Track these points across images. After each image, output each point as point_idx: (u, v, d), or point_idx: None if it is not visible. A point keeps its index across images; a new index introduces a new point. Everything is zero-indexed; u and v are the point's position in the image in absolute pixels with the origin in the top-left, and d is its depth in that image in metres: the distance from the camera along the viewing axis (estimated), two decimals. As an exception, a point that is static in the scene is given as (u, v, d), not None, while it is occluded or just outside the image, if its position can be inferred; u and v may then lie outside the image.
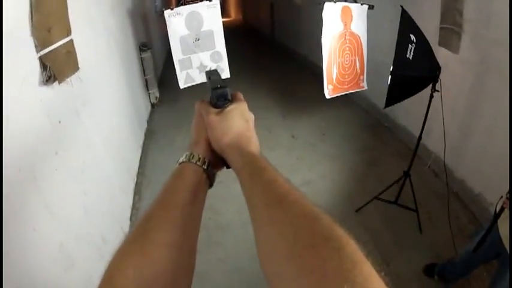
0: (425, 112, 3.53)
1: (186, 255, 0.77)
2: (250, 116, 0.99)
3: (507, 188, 2.69)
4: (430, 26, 4.24)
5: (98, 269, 2.85)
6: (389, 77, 3.80)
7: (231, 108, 0.93)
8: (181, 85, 5.39)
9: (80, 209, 2.98)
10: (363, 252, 0.52)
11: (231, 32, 17.01)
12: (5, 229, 1.86)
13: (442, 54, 4.13)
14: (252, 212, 0.71)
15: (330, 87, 4.62)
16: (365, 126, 6.24)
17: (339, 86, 4.72)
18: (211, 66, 5.41)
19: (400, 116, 5.58)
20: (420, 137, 3.72)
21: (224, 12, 28.47)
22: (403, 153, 5.02)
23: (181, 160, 0.93)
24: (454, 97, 4.15)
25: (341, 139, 5.88)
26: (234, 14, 25.54)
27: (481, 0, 3.60)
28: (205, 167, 0.89)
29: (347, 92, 4.85)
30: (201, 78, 5.57)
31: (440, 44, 4.25)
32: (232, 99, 0.97)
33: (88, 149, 3.44)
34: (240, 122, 0.92)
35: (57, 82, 2.72)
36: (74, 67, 3.04)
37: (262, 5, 15.69)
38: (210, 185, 0.94)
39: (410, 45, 3.48)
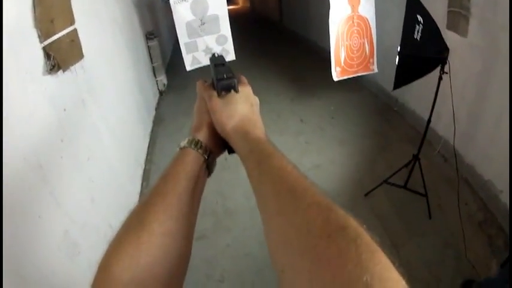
0: (434, 96, 3.48)
1: (182, 243, 0.75)
2: (255, 100, 0.98)
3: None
4: (438, 9, 4.19)
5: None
6: (397, 57, 3.75)
7: (236, 93, 0.92)
8: (188, 67, 5.42)
9: (87, 197, 3.00)
10: (376, 242, 0.50)
11: (238, 20, 17.08)
12: (10, 217, 1.88)
13: (450, 38, 4.05)
14: (260, 201, 0.70)
15: (338, 69, 4.61)
16: (374, 110, 6.18)
17: (348, 69, 4.70)
18: (217, 49, 5.40)
19: (409, 101, 5.52)
20: (429, 121, 3.67)
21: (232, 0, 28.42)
22: (413, 138, 4.96)
23: (182, 145, 0.89)
24: (463, 82, 4.10)
25: (350, 123, 5.84)
26: (241, 1, 25.42)
27: None
28: (206, 156, 0.88)
29: (356, 75, 4.81)
30: (207, 61, 5.57)
31: (448, 27, 4.19)
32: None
33: (94, 137, 3.46)
34: (244, 105, 0.90)
35: (61, 71, 2.73)
36: (78, 56, 3.06)
37: (271, -9, 15.50)
38: (209, 173, 0.93)
39: (417, 26, 3.42)
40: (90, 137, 3.33)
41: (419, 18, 3.35)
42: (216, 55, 1.05)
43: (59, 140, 2.66)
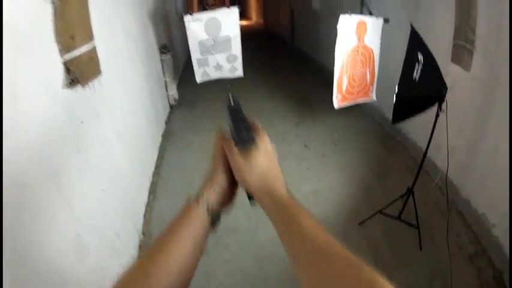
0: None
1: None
2: (274, 150, 0.99)
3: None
4: (443, 42, 4.34)
5: (109, 260, 3.11)
6: (394, 97, 3.87)
7: (256, 147, 0.93)
8: (198, 80, 5.70)
9: (97, 204, 3.16)
10: None
11: (251, 36, 17.27)
12: (27, 218, 2.07)
13: (453, 71, 4.21)
14: (294, 260, 0.73)
15: (339, 96, 4.77)
16: (377, 139, 6.29)
17: (348, 96, 4.86)
18: (226, 66, 5.62)
19: (411, 131, 5.61)
20: (425, 155, 3.77)
21: (245, 14, 28.63)
22: (412, 168, 5.04)
23: (191, 198, 0.95)
24: (463, 114, 4.18)
25: (352, 151, 5.95)
26: (255, 17, 25.66)
27: (493, 15, 3.62)
28: (211, 219, 0.92)
29: (355, 102, 4.95)
30: (216, 75, 5.81)
31: (452, 61, 4.27)
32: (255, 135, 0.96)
33: (106, 148, 3.62)
34: (265, 161, 0.93)
35: (80, 86, 2.89)
36: (96, 72, 3.20)
37: (283, 11, 15.80)
38: (214, 229, 0.96)
39: (417, 65, 3.52)
40: (102, 148, 3.50)
41: (420, 56, 3.46)
42: (232, 101, 1.08)
43: (74, 150, 2.84)
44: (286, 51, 14.37)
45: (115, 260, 3.36)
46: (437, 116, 3.43)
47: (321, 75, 9.53)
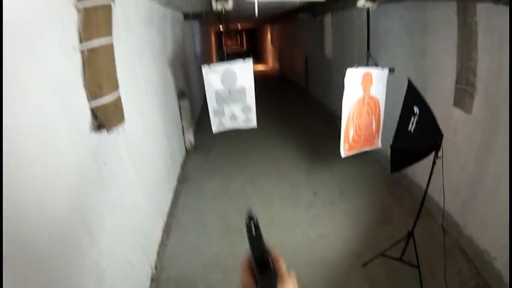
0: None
1: None
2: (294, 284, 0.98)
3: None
4: (446, 86, 4.57)
5: (122, 286, 3.42)
6: (390, 149, 4.07)
7: None
8: (214, 130, 5.99)
9: (116, 237, 3.43)
10: None
11: (266, 80, 17.54)
12: (57, 245, 2.35)
13: (455, 115, 4.42)
14: None
15: (346, 146, 4.99)
16: (383, 184, 6.47)
17: (354, 145, 5.08)
18: (241, 117, 5.92)
19: (417, 175, 5.75)
20: (423, 199, 3.90)
21: (261, 59, 29.18)
22: (416, 212, 5.15)
23: None
24: (466, 155, 4.34)
25: (358, 197, 6.13)
26: (271, 62, 26.04)
27: (493, 57, 3.77)
28: None
29: (361, 150, 5.17)
30: (232, 125, 6.09)
31: (455, 105, 4.46)
32: (276, 276, 0.97)
33: (127, 188, 3.91)
34: None
35: (106, 131, 3.19)
36: (120, 119, 3.44)
37: (298, 57, 16.16)
38: None
39: (412, 118, 3.72)
40: (123, 188, 3.80)
41: (416, 109, 3.68)
42: (250, 221, 1.06)
43: (99, 189, 3.14)
44: (300, 97, 14.73)
45: (127, 286, 3.62)
46: (434, 163, 3.58)
47: (332, 123, 9.70)
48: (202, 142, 8.88)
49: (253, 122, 6.11)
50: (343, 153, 5.05)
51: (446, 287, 3.69)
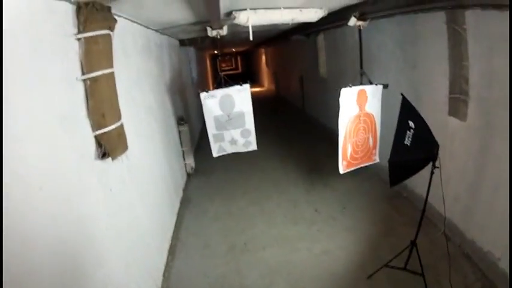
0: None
1: None
2: None
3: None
4: (440, 96, 4.67)
5: None
6: (388, 164, 4.15)
7: None
8: (215, 154, 6.07)
9: (123, 262, 3.51)
10: None
11: (263, 102, 17.66)
12: (66, 271, 2.45)
13: (451, 123, 4.52)
14: None
15: (344, 163, 5.07)
16: (383, 197, 6.54)
17: (352, 162, 5.17)
18: (240, 141, 6.01)
19: (417, 186, 5.82)
20: (424, 209, 3.99)
21: (257, 81, 29.33)
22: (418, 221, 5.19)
23: None
24: (464, 162, 4.41)
25: (360, 211, 6.19)
26: (267, 84, 26.23)
27: (484, 63, 3.88)
28: None
29: (359, 166, 5.26)
30: (232, 149, 6.18)
31: (450, 114, 4.55)
32: None
33: (131, 213, 4.00)
34: None
35: (110, 159, 3.27)
36: (124, 147, 3.55)
37: (293, 77, 16.34)
38: None
39: (408, 132, 3.82)
40: (128, 213, 3.88)
41: (411, 123, 3.78)
42: None
43: (105, 214, 3.24)
44: (297, 117, 14.85)
45: None
46: (432, 173, 3.66)
47: (330, 140, 9.65)
48: (203, 165, 8.98)
49: (253, 145, 6.19)
50: (342, 169, 5.13)
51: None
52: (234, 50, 25.16)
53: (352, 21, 5.20)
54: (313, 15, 5.00)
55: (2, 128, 1.87)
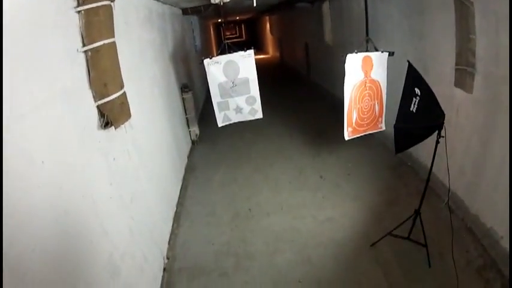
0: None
1: None
2: None
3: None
4: (447, 67, 4.57)
5: (137, 280, 3.57)
6: (393, 129, 4.10)
7: None
8: (220, 124, 6.03)
9: (128, 230, 3.55)
10: None
11: (268, 70, 17.49)
12: (70, 240, 2.45)
13: (457, 95, 4.42)
14: None
15: (350, 129, 5.03)
16: (388, 166, 6.51)
17: (358, 128, 5.12)
18: (246, 109, 5.97)
19: (422, 155, 5.75)
20: (428, 179, 3.97)
21: (262, 49, 29.11)
22: (422, 192, 5.15)
23: None
24: (469, 135, 4.35)
25: (364, 179, 6.18)
26: (271, 51, 26.04)
27: (491, 39, 3.76)
28: None
29: (365, 133, 5.21)
30: (237, 118, 6.13)
31: (455, 85, 4.45)
32: None
33: (136, 182, 4.02)
34: None
35: (113, 128, 3.26)
36: (127, 116, 3.53)
37: (298, 44, 16.19)
38: None
39: (414, 99, 3.76)
40: (132, 182, 3.90)
41: (417, 90, 3.71)
42: None
43: (108, 184, 3.25)
44: (302, 84, 14.78)
45: (141, 281, 3.71)
46: (437, 142, 3.61)
47: (335, 107, 9.54)
48: (208, 132, 8.93)
49: (259, 113, 6.15)
50: (347, 136, 5.09)
51: (455, 265, 3.71)
52: (238, 18, 24.82)
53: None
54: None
55: (2, 102, 1.84)
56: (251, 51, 5.71)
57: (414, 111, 3.81)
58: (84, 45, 2.92)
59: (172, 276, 4.46)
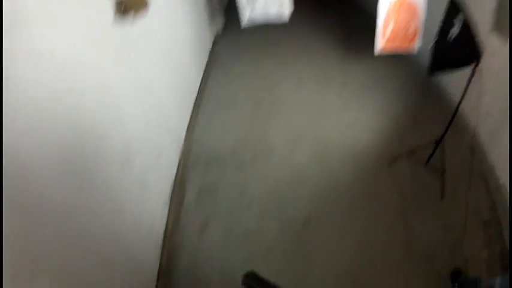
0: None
1: None
2: None
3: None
4: (484, 9, 4.15)
5: (151, 169, 3.55)
6: (430, 49, 3.83)
7: None
8: (244, 24, 5.55)
9: (144, 118, 3.50)
10: None
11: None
12: (83, 124, 2.39)
13: (492, 41, 4.07)
14: None
15: (382, 42, 4.78)
16: (416, 87, 6.15)
17: (391, 44, 4.81)
18: (273, 7, 5.47)
19: (450, 87, 5.49)
20: (457, 110, 3.78)
21: None
22: (445, 123, 4.94)
23: None
24: (500, 82, 4.01)
25: (389, 95, 5.91)
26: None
27: None
28: None
29: (397, 50, 4.92)
30: (263, 18, 5.67)
31: (493, 30, 4.11)
32: None
33: (153, 70, 3.88)
34: None
35: (130, 17, 3.08)
36: (144, 4, 3.33)
37: None
38: None
39: (454, 27, 3.47)
40: (150, 70, 3.77)
41: (459, 17, 3.39)
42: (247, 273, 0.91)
43: (124, 73, 3.13)
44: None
45: (157, 168, 3.78)
46: (471, 76, 3.44)
47: (368, 15, 8.73)
48: (232, 26, 8.30)
49: (286, 15, 5.66)
50: (378, 48, 4.84)
51: (467, 208, 3.65)
52: None
53: None
54: None
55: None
56: None
57: (452, 39, 3.52)
58: None
59: (187, 166, 4.53)
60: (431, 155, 4.17)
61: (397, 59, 6.05)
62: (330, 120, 5.19)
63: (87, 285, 2.33)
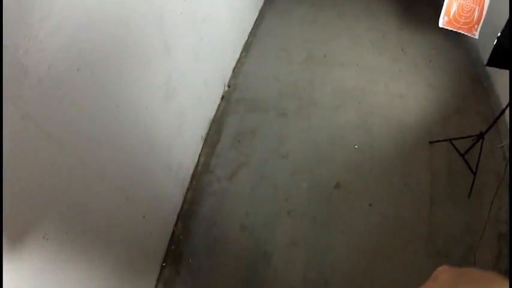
0: None
1: None
2: None
3: None
4: None
5: (192, 105, 3.53)
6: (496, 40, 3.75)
7: None
8: None
9: (193, 51, 3.44)
10: None
11: None
12: (124, 55, 2.27)
13: None
14: None
15: (446, 18, 4.71)
16: (466, 74, 5.74)
17: (454, 23, 4.73)
18: None
19: (498, 84, 5.15)
20: (503, 111, 3.53)
21: None
22: (488, 119, 4.65)
23: None
24: None
25: (442, 75, 5.59)
26: None
27: None
28: None
29: (458, 31, 4.84)
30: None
31: None
32: None
33: (211, 3, 3.79)
34: None
35: None
36: None
37: None
38: None
39: None
40: (207, 2, 3.68)
41: None
42: None
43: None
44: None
45: (197, 106, 3.76)
46: None
47: None
48: None
49: None
50: (441, 23, 4.73)
51: (488, 216, 3.53)
52: None
53: None
54: None
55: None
56: None
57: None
58: None
59: (229, 106, 4.50)
60: (469, 149, 3.99)
61: (456, 42, 5.89)
62: (380, 85, 5.06)
63: (106, 217, 2.30)
